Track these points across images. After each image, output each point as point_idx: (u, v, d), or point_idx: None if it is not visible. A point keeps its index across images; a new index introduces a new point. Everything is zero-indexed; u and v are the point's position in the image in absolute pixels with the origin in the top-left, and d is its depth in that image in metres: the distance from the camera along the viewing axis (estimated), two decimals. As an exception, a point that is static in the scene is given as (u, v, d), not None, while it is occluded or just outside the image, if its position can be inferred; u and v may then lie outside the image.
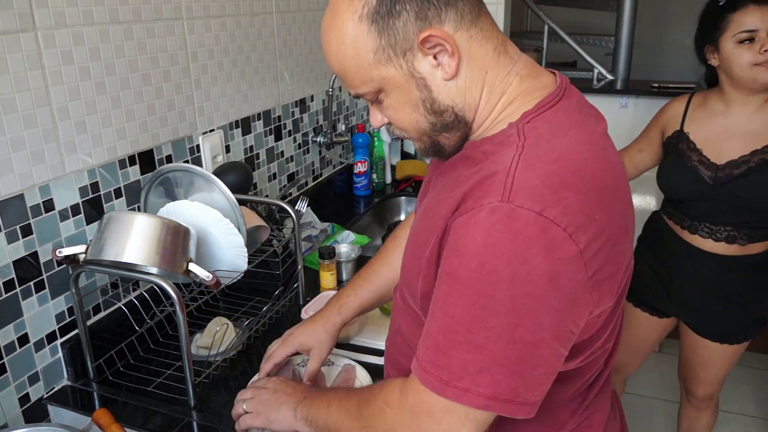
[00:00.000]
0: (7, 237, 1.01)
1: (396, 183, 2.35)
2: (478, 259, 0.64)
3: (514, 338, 0.64)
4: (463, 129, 0.75)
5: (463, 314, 0.65)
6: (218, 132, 1.50)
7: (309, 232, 1.74)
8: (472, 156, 0.74)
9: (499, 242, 0.63)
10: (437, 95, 0.72)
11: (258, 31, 1.61)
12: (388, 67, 0.70)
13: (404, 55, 0.69)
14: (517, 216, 0.62)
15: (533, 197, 0.63)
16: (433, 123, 0.74)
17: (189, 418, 1.06)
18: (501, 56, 0.72)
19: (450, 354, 0.66)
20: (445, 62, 0.70)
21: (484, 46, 0.71)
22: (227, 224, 1.15)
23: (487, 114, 0.74)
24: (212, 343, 1.18)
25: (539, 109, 0.71)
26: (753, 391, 2.65)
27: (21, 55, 1.00)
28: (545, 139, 0.69)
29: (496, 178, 0.66)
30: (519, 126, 0.70)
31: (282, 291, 1.41)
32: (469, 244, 0.65)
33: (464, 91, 0.72)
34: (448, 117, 0.73)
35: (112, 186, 1.21)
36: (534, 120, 0.70)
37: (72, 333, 1.15)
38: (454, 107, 0.73)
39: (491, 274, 0.63)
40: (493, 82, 0.72)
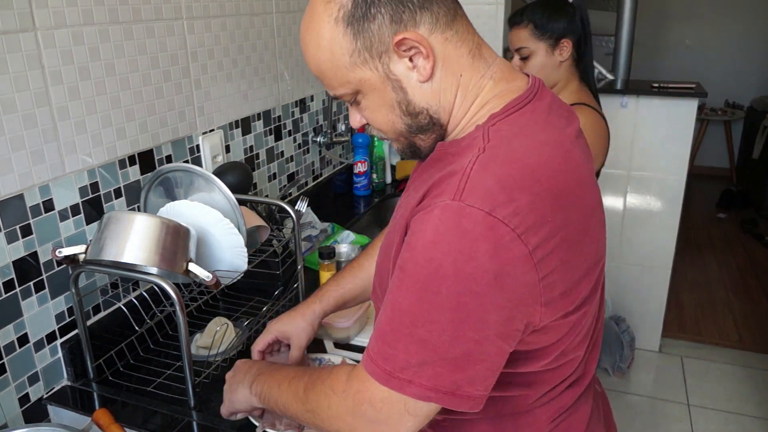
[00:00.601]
0: (6, 237, 1.01)
1: (396, 183, 2.35)
2: (425, 255, 0.65)
3: (457, 334, 0.65)
4: (438, 131, 0.76)
5: (410, 308, 0.66)
6: (218, 132, 1.50)
7: (309, 232, 1.74)
8: (441, 158, 0.76)
9: (446, 239, 0.64)
10: (412, 97, 0.73)
11: (258, 31, 1.61)
12: (364, 69, 0.71)
13: (380, 58, 0.70)
14: (466, 214, 0.63)
15: (485, 197, 0.64)
16: (409, 125, 0.75)
17: (189, 418, 1.06)
18: (476, 59, 0.73)
19: (396, 346, 0.67)
20: (420, 64, 0.70)
21: (459, 49, 0.72)
22: (227, 224, 1.15)
23: (461, 116, 0.75)
24: (212, 343, 1.18)
25: (506, 111, 0.72)
26: (753, 391, 2.65)
27: (21, 55, 1.00)
28: (506, 140, 0.69)
29: (453, 178, 0.67)
30: (485, 128, 0.71)
31: (282, 291, 1.41)
32: (419, 240, 0.66)
33: (439, 93, 0.73)
34: (423, 119, 0.74)
35: (112, 186, 1.21)
36: (500, 122, 0.71)
37: (72, 333, 1.15)
38: (429, 109, 0.74)
39: (437, 270, 0.64)
40: (467, 84, 0.73)
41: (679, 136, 2.59)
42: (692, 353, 2.92)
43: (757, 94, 5.05)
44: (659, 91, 2.58)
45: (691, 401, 2.59)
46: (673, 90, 2.57)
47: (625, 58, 2.89)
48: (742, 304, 3.37)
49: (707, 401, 2.59)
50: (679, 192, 2.66)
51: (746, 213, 4.56)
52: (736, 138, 5.29)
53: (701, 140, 5.37)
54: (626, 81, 2.87)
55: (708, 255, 3.98)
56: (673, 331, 3.06)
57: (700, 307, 3.33)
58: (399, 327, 0.67)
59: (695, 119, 2.57)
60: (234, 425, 1.03)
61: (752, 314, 3.26)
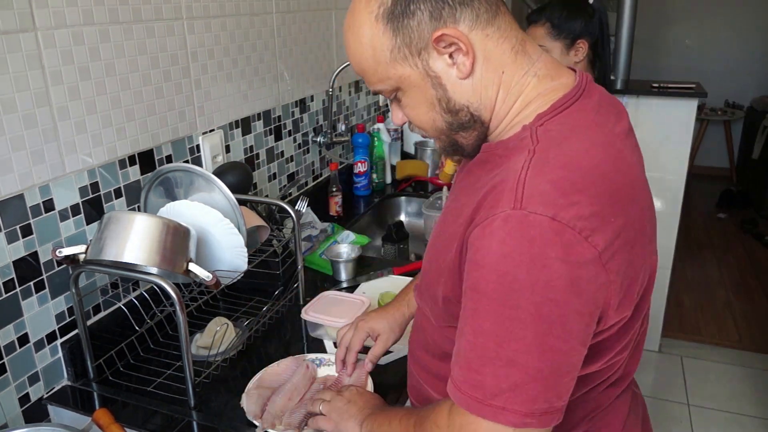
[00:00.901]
0: (7, 237, 1.01)
1: (396, 183, 2.35)
2: (497, 270, 0.63)
3: (544, 348, 0.63)
4: (479, 129, 0.75)
5: (491, 328, 0.64)
6: (218, 132, 1.50)
7: (309, 232, 1.74)
8: (488, 160, 0.75)
9: (515, 250, 0.62)
10: (452, 94, 0.72)
11: (258, 31, 1.61)
12: (404, 65, 0.71)
13: (419, 54, 0.70)
14: (530, 222, 0.62)
15: (545, 202, 0.62)
16: (450, 122, 0.75)
17: (189, 418, 1.06)
18: (519, 56, 0.72)
19: (483, 371, 0.65)
20: (459, 61, 0.70)
21: (501, 46, 0.71)
22: (227, 224, 1.15)
23: (503, 115, 0.74)
24: (212, 343, 1.18)
25: (553, 111, 0.71)
26: (753, 391, 2.65)
27: (21, 55, 1.00)
28: (557, 142, 0.68)
29: (507, 185, 0.66)
30: (533, 129, 0.70)
31: (282, 291, 1.41)
32: (486, 256, 0.64)
33: (480, 90, 0.72)
34: (463, 116, 0.74)
35: (112, 186, 1.21)
36: (548, 122, 0.70)
37: (72, 333, 1.15)
38: (470, 106, 0.73)
39: (512, 283, 0.62)
40: (509, 82, 0.72)
41: (678, 136, 2.59)
42: (692, 353, 2.92)
43: (757, 94, 5.05)
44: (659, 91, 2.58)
45: (691, 401, 2.59)
46: (672, 90, 2.57)
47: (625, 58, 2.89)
48: (742, 304, 3.37)
49: (707, 401, 2.59)
50: (678, 192, 2.66)
51: (746, 213, 4.57)
52: (736, 138, 5.29)
53: (701, 140, 5.37)
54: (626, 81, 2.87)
55: (708, 255, 3.98)
56: (673, 331, 3.06)
57: (700, 307, 3.33)
58: (483, 350, 0.65)
59: (695, 119, 2.57)
60: (234, 425, 1.03)
61: (752, 314, 3.26)
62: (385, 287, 1.48)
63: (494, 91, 0.72)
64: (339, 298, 1.35)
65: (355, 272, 1.56)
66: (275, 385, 1.10)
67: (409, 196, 2.24)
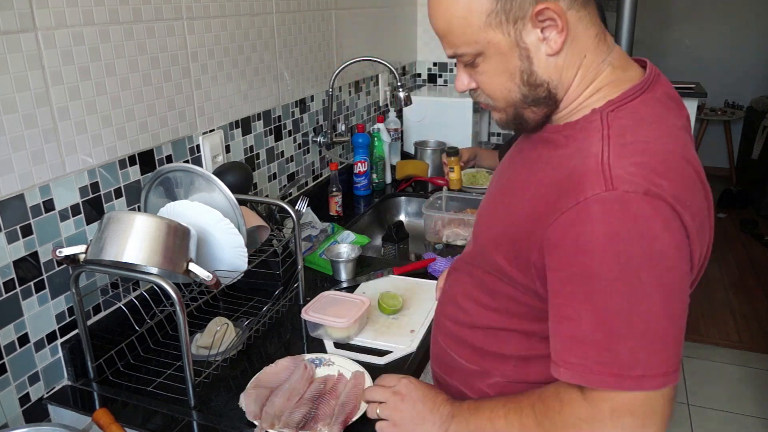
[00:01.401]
0: (7, 237, 1.01)
1: (396, 183, 2.35)
2: (610, 251, 0.66)
3: (671, 313, 0.68)
4: (551, 106, 0.78)
5: (618, 307, 0.67)
6: (218, 132, 1.50)
7: (309, 232, 1.74)
8: (553, 140, 0.78)
9: (622, 229, 0.66)
10: (537, 68, 0.74)
11: (258, 31, 1.61)
12: (496, 32, 0.72)
13: (515, 23, 0.71)
14: (628, 200, 0.66)
15: (635, 182, 0.66)
16: (525, 95, 0.76)
17: (189, 418, 1.06)
18: (600, 43, 0.75)
19: (615, 348, 0.68)
20: (552, 38, 0.71)
21: (588, 30, 0.73)
22: (227, 224, 1.15)
23: (575, 96, 0.76)
24: (212, 343, 1.18)
25: (623, 100, 0.73)
26: (753, 391, 2.65)
27: (21, 55, 1.00)
28: (630, 130, 0.71)
29: (588, 169, 0.69)
30: (603, 113, 0.73)
31: (282, 291, 1.41)
32: (591, 240, 0.67)
33: (562, 69, 0.74)
34: (541, 92, 0.76)
35: (112, 186, 1.21)
36: (617, 110, 0.73)
37: (72, 333, 1.15)
38: (550, 83, 0.75)
39: (630, 261, 0.66)
40: (588, 66, 0.75)
41: (678, 136, 2.58)
42: (692, 353, 2.92)
43: (756, 94, 5.05)
44: (659, 91, 2.58)
45: (691, 401, 2.59)
46: (672, 90, 2.56)
47: (624, 58, 2.89)
48: (742, 304, 3.37)
49: (707, 401, 2.59)
50: (678, 192, 2.65)
51: (746, 213, 4.57)
52: (736, 138, 5.29)
53: (701, 140, 5.37)
54: (626, 81, 2.87)
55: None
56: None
57: (700, 307, 3.33)
58: (612, 329, 0.68)
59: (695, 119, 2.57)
60: (234, 425, 1.03)
61: (752, 314, 3.26)
62: (385, 287, 1.48)
63: (573, 73, 0.75)
64: (339, 298, 1.35)
65: (355, 272, 1.56)
66: (273, 385, 1.10)
67: (409, 196, 2.24)
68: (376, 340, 1.27)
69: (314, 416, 1.03)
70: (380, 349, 1.25)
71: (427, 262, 1.58)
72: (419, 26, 2.82)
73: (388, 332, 1.31)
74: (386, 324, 1.34)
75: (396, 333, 1.30)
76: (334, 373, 1.15)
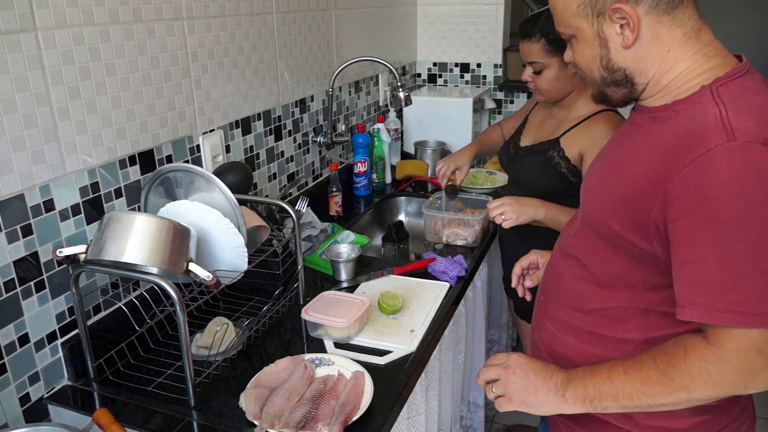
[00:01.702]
0: (7, 237, 1.01)
1: (396, 183, 2.35)
2: (736, 195, 0.72)
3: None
4: (629, 88, 0.89)
5: (743, 248, 0.72)
6: (218, 132, 1.50)
7: (309, 232, 1.74)
8: (662, 116, 0.85)
9: (747, 174, 0.72)
10: (613, 56, 0.86)
11: (258, 31, 1.61)
12: (583, 20, 0.86)
13: (597, 16, 0.84)
14: (749, 148, 0.72)
15: (753, 134, 0.73)
16: (604, 77, 0.89)
17: (189, 418, 1.06)
18: (690, 40, 0.84)
19: (741, 287, 0.73)
20: (626, 34, 0.83)
21: (672, 31, 0.83)
22: (227, 224, 1.15)
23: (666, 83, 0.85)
24: (212, 343, 1.18)
25: (729, 76, 0.81)
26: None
27: (21, 55, 1.00)
28: (741, 97, 0.79)
29: (708, 125, 0.76)
30: (712, 88, 0.80)
31: (282, 291, 1.41)
32: (718, 185, 0.73)
33: (639, 61, 0.85)
34: (618, 76, 0.88)
35: (113, 186, 1.21)
36: (725, 84, 0.80)
37: (72, 333, 1.15)
38: (626, 69, 0.87)
39: (754, 203, 0.72)
40: (675, 59, 0.84)
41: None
42: (692, 353, 2.91)
43: (757, 94, 5.04)
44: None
45: (690, 401, 2.59)
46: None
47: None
48: (742, 304, 3.36)
49: (707, 401, 2.58)
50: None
51: (746, 213, 4.55)
52: (736, 138, 5.29)
53: (701, 140, 5.37)
54: (626, 81, 2.87)
55: (708, 255, 3.96)
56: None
57: (699, 307, 3.32)
58: (738, 269, 0.73)
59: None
60: (234, 425, 1.04)
61: (752, 314, 3.25)
62: (385, 287, 1.48)
63: (654, 64, 0.85)
64: (339, 298, 1.35)
65: (355, 272, 1.56)
66: (273, 385, 1.10)
67: (409, 196, 2.24)
68: (376, 340, 1.28)
69: (314, 416, 1.03)
70: (380, 349, 1.25)
71: (427, 262, 1.58)
72: (419, 26, 2.82)
73: (388, 332, 1.31)
74: (386, 324, 1.34)
75: (396, 333, 1.30)
76: (334, 373, 1.15)
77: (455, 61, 2.83)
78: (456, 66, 2.84)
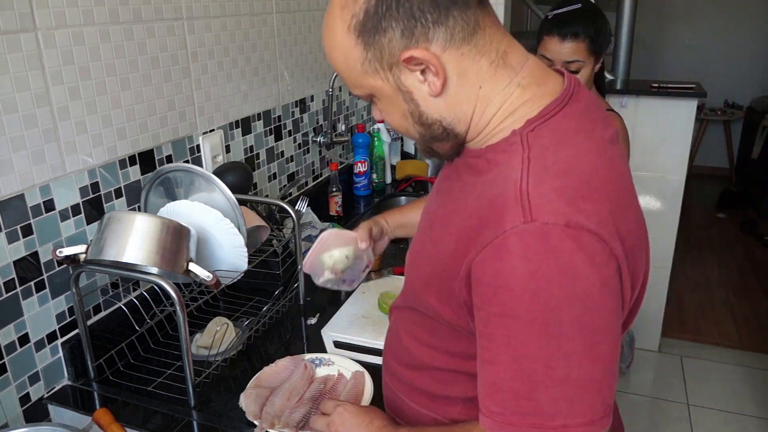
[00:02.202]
0: (7, 237, 1.01)
1: (396, 183, 2.35)
2: (529, 290, 0.62)
3: (594, 356, 0.63)
4: (453, 140, 0.75)
5: (537, 351, 0.63)
6: (218, 132, 1.50)
7: (309, 232, 1.74)
8: (475, 165, 0.74)
9: (542, 266, 0.61)
10: (425, 109, 0.72)
11: (258, 31, 1.61)
12: (375, 78, 0.71)
13: (390, 69, 0.69)
14: (547, 233, 0.61)
15: (555, 212, 0.62)
16: (422, 133, 0.75)
17: (189, 418, 1.06)
18: (499, 69, 0.70)
19: (535, 396, 0.64)
20: (430, 80, 0.69)
21: (478, 62, 0.69)
22: (227, 224, 1.15)
23: (484, 124, 0.73)
24: (212, 343, 1.18)
25: (543, 117, 0.69)
26: (753, 391, 2.65)
27: (21, 55, 1.00)
28: (551, 150, 0.67)
29: (508, 197, 0.65)
30: (523, 134, 0.69)
31: (282, 291, 1.42)
32: (511, 277, 0.62)
33: (453, 106, 0.71)
34: (436, 129, 0.73)
35: (113, 186, 1.21)
36: (538, 128, 0.69)
37: (72, 333, 1.15)
38: (442, 121, 0.72)
39: (549, 301, 0.61)
40: (488, 95, 0.71)
41: (678, 136, 2.59)
42: (692, 353, 2.92)
43: (756, 94, 5.05)
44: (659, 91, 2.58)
45: (690, 401, 2.60)
46: (672, 90, 2.57)
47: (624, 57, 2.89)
48: (742, 304, 3.37)
49: (707, 401, 2.59)
50: (678, 192, 2.66)
51: (746, 213, 4.56)
52: (736, 138, 5.29)
53: (701, 140, 5.38)
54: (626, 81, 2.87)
55: (708, 255, 3.98)
56: (673, 331, 3.06)
57: (700, 307, 3.33)
58: (530, 375, 0.64)
59: (695, 119, 2.57)
60: (234, 425, 1.04)
61: (752, 314, 3.26)
62: (385, 287, 1.48)
63: (470, 106, 0.71)
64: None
65: (355, 272, 1.56)
66: (273, 385, 1.10)
67: (409, 196, 2.24)
68: (376, 340, 1.27)
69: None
70: (380, 349, 1.25)
71: (427, 262, 1.58)
72: (419, 26, 2.81)
73: (388, 332, 1.30)
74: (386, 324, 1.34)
75: (396, 333, 1.30)
76: (334, 373, 1.15)
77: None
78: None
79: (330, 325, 1.34)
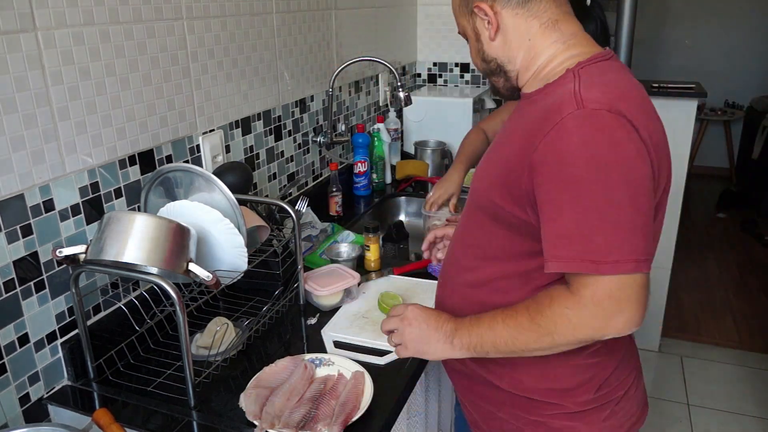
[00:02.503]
0: (7, 237, 1.01)
1: (396, 183, 2.35)
2: (584, 156, 0.80)
3: (637, 207, 0.81)
4: (504, 77, 1.01)
5: (593, 203, 0.80)
6: (218, 132, 1.50)
7: (309, 232, 1.74)
8: (535, 98, 0.94)
9: (594, 136, 0.81)
10: (486, 48, 0.99)
11: (258, 31, 1.61)
12: (463, 19, 1.00)
13: (471, 14, 0.98)
14: (596, 114, 0.82)
15: (600, 102, 0.82)
16: (484, 68, 1.02)
17: (189, 418, 1.06)
18: (547, 30, 0.94)
19: (592, 238, 0.81)
20: (489, 27, 0.96)
21: (528, 22, 0.94)
22: (227, 224, 1.15)
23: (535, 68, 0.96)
24: (212, 343, 1.18)
25: (592, 60, 0.91)
26: (753, 391, 2.65)
27: (21, 55, 1.00)
28: (597, 75, 0.89)
29: (563, 99, 0.85)
30: (575, 71, 0.90)
31: (282, 291, 1.41)
32: (568, 148, 0.82)
33: (506, 50, 0.97)
34: (493, 66, 1.00)
35: (112, 186, 1.21)
36: (587, 67, 0.90)
37: (72, 333, 1.15)
38: (497, 59, 0.99)
39: (599, 163, 0.80)
40: (535, 46, 0.95)
41: (678, 136, 2.59)
42: (692, 353, 2.92)
43: (756, 94, 5.05)
44: (659, 91, 2.58)
45: (690, 401, 2.60)
46: (672, 90, 2.57)
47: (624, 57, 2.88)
48: (742, 304, 3.37)
49: (707, 401, 2.59)
50: (678, 192, 2.66)
51: (746, 213, 4.56)
52: (736, 138, 5.29)
53: (701, 140, 5.38)
54: (626, 81, 2.86)
55: (708, 255, 3.98)
56: (673, 330, 3.06)
57: (700, 307, 3.33)
58: (588, 222, 0.81)
59: (695, 119, 2.57)
60: (234, 425, 1.04)
61: (752, 314, 3.26)
62: (385, 287, 1.48)
63: (519, 52, 0.96)
64: (339, 271, 1.48)
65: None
66: (273, 385, 1.10)
67: (409, 196, 2.24)
68: (376, 340, 1.27)
69: (314, 416, 1.03)
70: (380, 349, 1.25)
71: (427, 262, 1.58)
72: (419, 26, 2.82)
73: (388, 332, 1.30)
74: (386, 324, 1.34)
75: (396, 333, 1.30)
76: (334, 373, 1.15)
77: (455, 61, 2.83)
78: (456, 66, 2.84)
79: (330, 325, 1.34)
